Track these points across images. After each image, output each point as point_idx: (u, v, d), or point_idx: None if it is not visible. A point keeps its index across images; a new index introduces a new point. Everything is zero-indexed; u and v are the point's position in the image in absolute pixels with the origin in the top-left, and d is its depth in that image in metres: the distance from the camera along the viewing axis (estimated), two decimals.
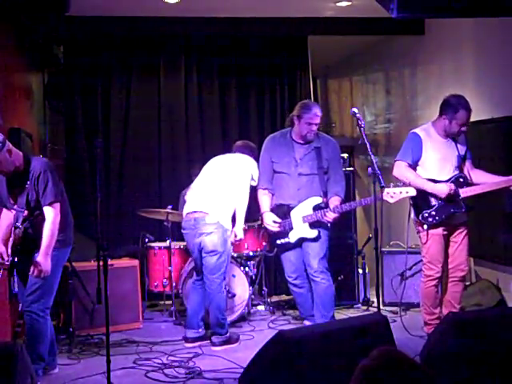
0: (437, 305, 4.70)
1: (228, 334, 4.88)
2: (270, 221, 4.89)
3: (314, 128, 4.81)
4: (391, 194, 4.25)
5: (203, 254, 4.81)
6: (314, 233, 4.81)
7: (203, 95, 6.78)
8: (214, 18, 6.23)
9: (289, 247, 4.93)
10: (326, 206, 4.79)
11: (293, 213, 4.85)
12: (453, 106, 4.47)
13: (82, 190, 6.20)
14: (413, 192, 4.23)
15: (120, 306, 5.29)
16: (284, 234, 4.88)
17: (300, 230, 4.84)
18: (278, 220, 4.87)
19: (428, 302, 4.68)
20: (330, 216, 4.72)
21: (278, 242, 4.94)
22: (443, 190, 4.44)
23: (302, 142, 4.87)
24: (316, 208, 4.80)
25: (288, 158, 4.87)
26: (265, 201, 4.96)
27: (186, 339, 4.93)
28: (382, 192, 4.15)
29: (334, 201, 4.79)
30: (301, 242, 4.89)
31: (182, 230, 4.94)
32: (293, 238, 4.87)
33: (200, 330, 4.95)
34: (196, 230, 4.78)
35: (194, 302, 4.99)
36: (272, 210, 4.94)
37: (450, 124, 4.50)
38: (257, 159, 5.03)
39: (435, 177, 4.54)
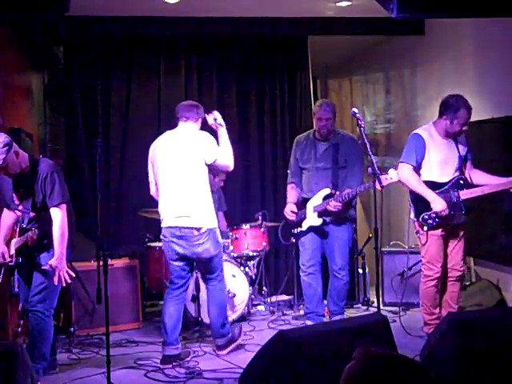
0: (437, 305, 4.70)
1: (230, 333, 4.75)
2: (288, 210, 5.20)
3: (325, 123, 5.06)
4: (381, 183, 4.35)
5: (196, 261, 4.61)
6: (319, 221, 5.05)
7: (203, 95, 6.77)
8: (214, 18, 6.22)
9: (305, 235, 5.16)
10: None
11: (308, 204, 5.13)
12: (453, 105, 4.47)
13: (82, 190, 6.20)
14: (395, 177, 4.31)
15: (120, 306, 5.29)
16: (299, 223, 5.18)
17: (310, 218, 5.10)
18: (295, 210, 5.18)
19: (428, 302, 4.68)
20: (332, 204, 4.91)
21: (294, 230, 5.22)
22: (440, 206, 4.44)
23: (320, 138, 5.16)
24: (325, 198, 5.03)
25: (309, 155, 5.19)
26: (289, 193, 5.31)
27: (165, 358, 4.47)
28: (374, 180, 4.14)
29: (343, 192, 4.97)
30: (320, 234, 5.13)
31: (163, 237, 4.58)
32: (304, 226, 5.14)
33: (179, 345, 4.58)
34: (185, 242, 4.46)
35: (172, 315, 4.57)
36: (297, 203, 5.23)
37: (451, 124, 4.50)
38: (202, 114, 4.64)
39: (436, 178, 4.54)
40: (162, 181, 4.57)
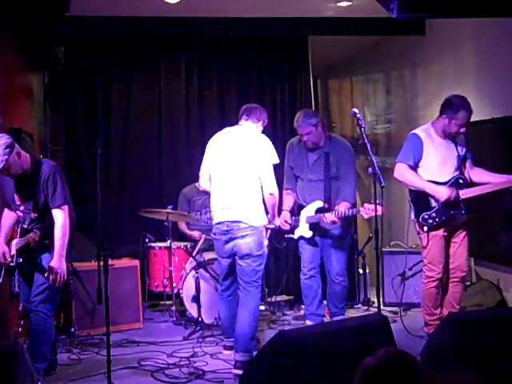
0: (437, 305, 4.70)
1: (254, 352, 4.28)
2: (282, 219, 5.02)
3: (306, 138, 4.93)
4: (366, 211, 4.59)
5: (236, 259, 4.44)
6: (309, 233, 5.03)
7: (203, 95, 6.77)
8: (214, 18, 6.22)
9: (307, 241, 5.10)
10: (327, 210, 4.93)
11: (301, 212, 5.08)
12: (454, 105, 4.46)
13: (82, 190, 6.19)
14: (379, 211, 4.21)
15: (120, 306, 5.29)
16: (293, 230, 5.13)
17: (301, 228, 5.06)
18: (289, 221, 5.05)
19: (429, 303, 4.68)
20: (329, 218, 4.83)
21: (286, 235, 5.19)
22: (444, 194, 4.43)
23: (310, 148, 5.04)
24: (318, 211, 4.97)
25: (301, 164, 5.07)
26: (285, 200, 5.13)
27: (227, 347, 4.69)
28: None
29: (341, 206, 4.87)
30: (320, 241, 5.08)
31: (213, 235, 4.56)
32: (296, 234, 5.10)
33: None
34: (228, 236, 4.40)
35: (226, 313, 4.64)
36: (293, 210, 5.14)
37: (448, 124, 4.49)
38: (264, 118, 4.69)
39: (435, 178, 4.54)
40: (215, 177, 4.50)
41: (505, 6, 4.06)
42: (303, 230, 5.05)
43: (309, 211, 5.02)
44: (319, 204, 4.97)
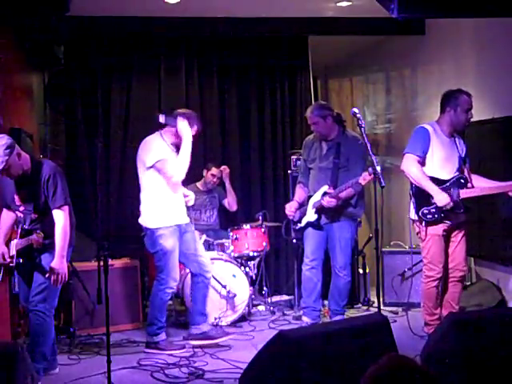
0: (438, 305, 4.70)
1: (153, 337, 4.78)
2: (288, 206, 5.32)
3: (314, 127, 5.15)
4: (364, 177, 4.51)
5: None
6: (314, 216, 5.12)
7: (203, 95, 6.77)
8: (214, 18, 6.22)
9: (311, 230, 5.17)
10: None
11: (309, 201, 5.18)
12: (452, 95, 4.51)
13: (81, 190, 6.19)
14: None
15: (120, 306, 5.29)
16: (300, 220, 5.25)
17: (308, 214, 5.17)
18: (294, 207, 5.28)
19: (429, 303, 4.68)
20: (325, 199, 4.96)
21: (294, 226, 5.33)
22: (443, 201, 4.42)
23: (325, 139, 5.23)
24: (323, 195, 5.06)
25: (314, 155, 5.26)
26: (296, 192, 5.44)
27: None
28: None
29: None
30: (324, 231, 5.14)
31: None
32: (303, 222, 5.20)
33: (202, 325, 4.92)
34: None
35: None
36: (303, 203, 5.29)
37: (455, 114, 4.49)
38: (194, 123, 4.93)
39: (437, 175, 4.54)
40: None
41: (505, 6, 4.06)
42: (309, 215, 5.13)
43: (315, 197, 5.10)
44: (325, 188, 5.04)
